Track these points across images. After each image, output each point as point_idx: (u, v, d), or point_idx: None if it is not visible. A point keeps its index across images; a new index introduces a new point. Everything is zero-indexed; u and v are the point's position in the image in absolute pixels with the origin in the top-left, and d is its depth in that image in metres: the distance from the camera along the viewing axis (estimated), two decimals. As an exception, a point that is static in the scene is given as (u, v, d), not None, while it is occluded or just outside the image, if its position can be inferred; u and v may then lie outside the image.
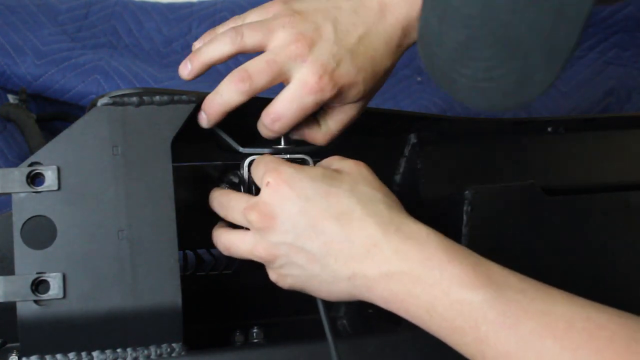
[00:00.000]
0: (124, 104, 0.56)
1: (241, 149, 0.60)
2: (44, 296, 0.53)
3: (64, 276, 0.54)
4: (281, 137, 0.60)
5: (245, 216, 0.54)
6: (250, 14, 0.60)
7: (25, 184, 0.54)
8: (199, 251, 0.67)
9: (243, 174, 0.59)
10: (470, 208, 0.62)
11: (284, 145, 0.60)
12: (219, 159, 0.62)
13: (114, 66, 0.96)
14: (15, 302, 0.53)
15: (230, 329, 0.67)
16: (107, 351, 0.54)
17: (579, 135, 0.74)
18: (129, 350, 0.54)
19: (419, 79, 1.07)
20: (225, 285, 0.68)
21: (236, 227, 0.57)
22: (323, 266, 0.52)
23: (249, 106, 0.57)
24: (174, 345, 0.55)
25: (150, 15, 1.06)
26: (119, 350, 0.54)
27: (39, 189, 0.54)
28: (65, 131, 0.56)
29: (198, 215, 0.60)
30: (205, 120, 0.58)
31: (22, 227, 0.54)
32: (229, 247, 0.56)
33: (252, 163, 0.58)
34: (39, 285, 0.54)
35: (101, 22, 1.03)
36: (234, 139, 0.60)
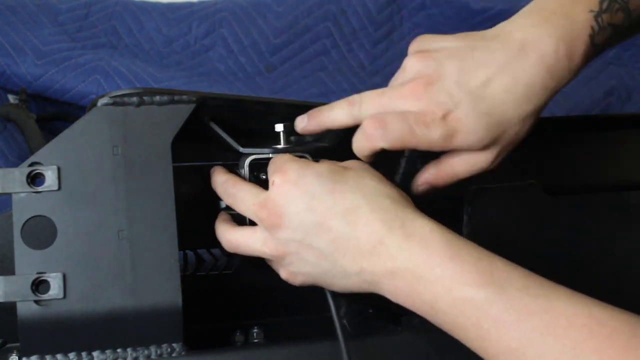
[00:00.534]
0: (124, 104, 0.56)
1: (241, 149, 0.60)
2: (44, 296, 0.53)
3: (64, 276, 0.54)
4: (281, 137, 0.60)
5: (255, 213, 0.54)
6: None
7: (26, 184, 0.54)
8: (199, 251, 0.67)
9: (244, 173, 0.59)
10: (470, 208, 0.62)
11: (284, 145, 0.60)
12: (219, 159, 0.62)
13: (114, 66, 0.96)
14: (16, 302, 0.53)
15: (230, 329, 0.67)
16: (107, 351, 0.54)
17: (579, 135, 0.74)
18: (129, 350, 0.54)
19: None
20: (225, 285, 0.68)
21: (238, 221, 0.57)
22: (332, 262, 0.52)
23: (249, 106, 0.57)
24: (174, 345, 0.55)
25: (150, 15, 1.06)
26: (119, 350, 0.54)
27: (39, 189, 0.54)
28: (66, 131, 0.56)
29: (198, 215, 0.60)
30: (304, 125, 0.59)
31: (22, 227, 0.54)
32: (238, 245, 0.56)
33: (254, 162, 0.58)
34: (39, 285, 0.54)
35: (101, 22, 1.03)
36: (234, 139, 0.60)
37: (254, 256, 0.57)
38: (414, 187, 0.59)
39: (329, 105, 0.58)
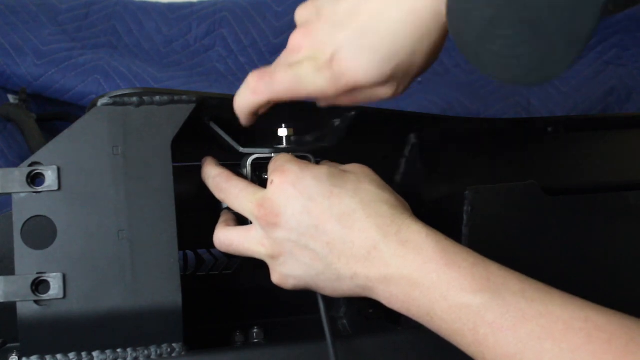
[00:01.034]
0: (124, 104, 0.56)
1: (241, 149, 0.60)
2: (44, 296, 0.53)
3: (64, 276, 0.54)
4: (283, 138, 0.60)
5: (252, 211, 0.54)
6: None
7: (26, 184, 0.54)
8: (199, 251, 0.67)
9: (246, 172, 0.59)
10: (470, 208, 0.62)
11: (286, 145, 0.60)
12: (219, 159, 0.62)
13: (114, 66, 0.96)
14: (16, 302, 0.53)
15: (230, 329, 0.67)
16: (107, 351, 0.54)
17: (579, 135, 0.74)
18: (129, 350, 0.54)
19: (419, 79, 1.07)
20: (225, 285, 0.68)
21: (241, 222, 0.57)
22: (327, 265, 0.52)
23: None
24: (174, 345, 0.55)
25: (150, 15, 1.06)
26: (119, 350, 0.54)
27: (39, 189, 0.55)
28: (66, 131, 0.56)
29: (198, 216, 0.60)
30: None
31: (22, 227, 0.54)
32: (231, 244, 0.56)
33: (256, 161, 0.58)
34: (39, 285, 0.54)
35: (101, 22, 1.03)
36: (234, 139, 0.60)
37: (248, 256, 0.56)
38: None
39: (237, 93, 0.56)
